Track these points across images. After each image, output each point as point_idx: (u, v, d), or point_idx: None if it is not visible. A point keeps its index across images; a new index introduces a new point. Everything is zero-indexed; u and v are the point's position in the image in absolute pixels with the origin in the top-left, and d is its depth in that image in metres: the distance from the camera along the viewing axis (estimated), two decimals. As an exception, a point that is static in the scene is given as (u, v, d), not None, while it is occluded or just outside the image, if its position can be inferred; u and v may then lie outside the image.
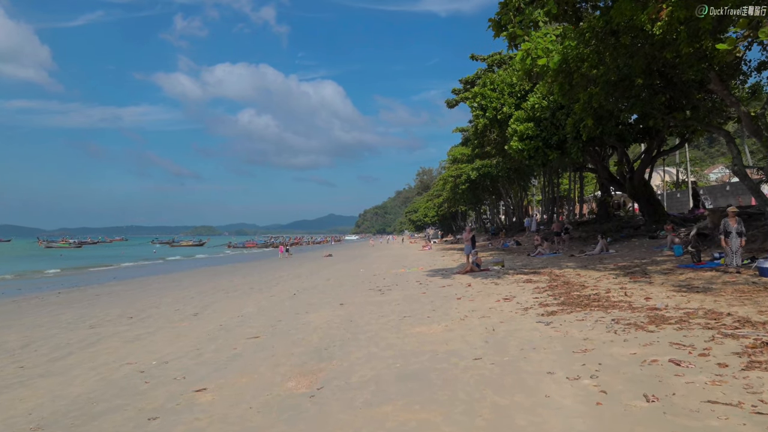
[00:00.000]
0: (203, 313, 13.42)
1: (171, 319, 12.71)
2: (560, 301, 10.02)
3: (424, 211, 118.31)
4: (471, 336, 7.79)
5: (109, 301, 18.75)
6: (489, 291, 12.91)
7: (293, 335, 9.12)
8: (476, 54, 32.96)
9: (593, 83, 18.20)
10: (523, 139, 23.93)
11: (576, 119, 21.34)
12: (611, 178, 29.30)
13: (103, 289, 24.91)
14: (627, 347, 6.22)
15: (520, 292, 12.02)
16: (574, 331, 7.36)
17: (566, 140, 23.29)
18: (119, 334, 10.79)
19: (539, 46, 11.09)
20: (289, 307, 13.12)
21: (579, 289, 11.47)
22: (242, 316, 12.28)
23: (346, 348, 7.79)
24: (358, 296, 14.43)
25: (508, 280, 15.01)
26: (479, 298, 11.87)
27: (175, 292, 20.14)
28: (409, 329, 8.80)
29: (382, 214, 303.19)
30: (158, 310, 14.66)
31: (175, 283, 25.55)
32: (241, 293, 18.22)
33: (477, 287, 14.01)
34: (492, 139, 32.16)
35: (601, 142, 25.59)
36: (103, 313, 14.72)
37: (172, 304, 16.17)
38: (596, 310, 8.76)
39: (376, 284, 17.24)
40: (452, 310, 10.35)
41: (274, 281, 22.80)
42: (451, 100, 32.54)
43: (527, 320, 8.53)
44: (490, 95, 26.57)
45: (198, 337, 9.61)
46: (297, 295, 15.85)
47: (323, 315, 11.34)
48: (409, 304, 11.84)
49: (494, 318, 9.08)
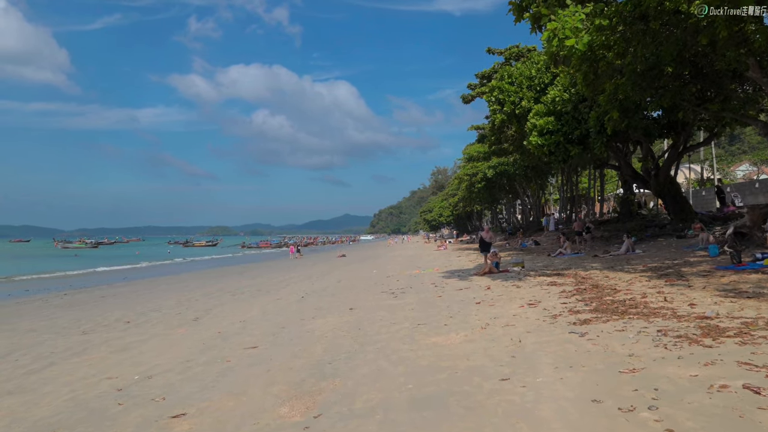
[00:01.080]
0: (204, 317, 12.59)
1: (169, 324, 11.90)
2: (592, 308, 8.98)
3: (439, 211, 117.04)
4: (495, 349, 6.81)
5: (113, 303, 18.04)
6: (510, 295, 11.89)
7: (295, 345, 8.22)
8: (493, 47, 31.86)
9: (619, 73, 17.08)
10: (543, 134, 22.81)
11: (600, 112, 20.20)
12: (635, 174, 28.00)
13: (110, 290, 24.29)
14: (684, 367, 5.21)
15: (545, 297, 10.99)
16: (616, 345, 6.35)
17: (589, 135, 22.13)
18: (110, 341, 9.97)
19: (567, 26, 10.08)
20: (294, 312, 12.23)
21: (611, 293, 10.42)
22: (244, 321, 11.42)
23: (352, 362, 6.86)
24: (369, 300, 13.50)
25: (530, 282, 13.97)
26: (500, 302, 10.87)
27: (181, 294, 19.39)
28: (424, 339, 7.84)
29: (396, 214, 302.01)
30: (159, 314, 13.87)
31: (183, 284, 24.86)
32: (247, 295, 17.41)
33: (497, 290, 13.00)
34: (509, 136, 31.05)
35: (625, 137, 24.37)
36: (102, 317, 13.98)
37: (174, 306, 15.39)
38: (636, 319, 7.72)
39: (389, 287, 16.30)
40: (471, 317, 9.37)
41: (284, 283, 21.97)
42: (467, 96, 31.48)
43: (558, 330, 7.52)
44: (507, 89, 25.48)
45: (191, 347, 8.75)
46: (305, 299, 14.98)
47: (330, 321, 10.43)
48: (423, 310, 10.88)
49: (519, 327, 8.09)
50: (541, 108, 23.00)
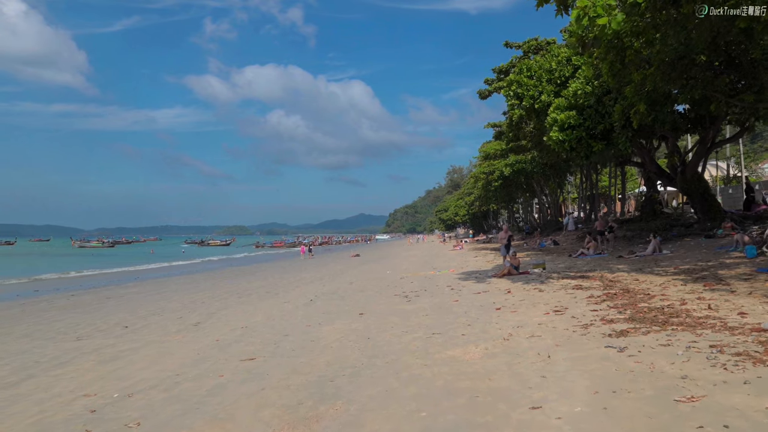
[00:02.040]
0: (205, 322, 11.87)
1: (168, 329, 11.19)
2: (627, 316, 8.06)
3: (455, 210, 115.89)
4: (521, 366, 5.95)
5: (117, 305, 17.45)
6: (533, 299, 10.99)
7: (296, 357, 7.42)
8: (511, 41, 30.82)
9: (647, 63, 16.07)
10: (564, 129, 21.77)
11: (625, 105, 19.14)
12: (660, 171, 26.81)
13: (119, 291, 23.78)
14: (754, 394, 4.31)
15: (571, 302, 10.08)
16: (663, 363, 5.45)
17: (613, 129, 21.06)
18: (101, 349, 9.28)
19: (599, 3, 9.17)
20: (301, 317, 11.45)
21: (645, 299, 9.48)
22: (246, 327, 10.67)
23: (358, 379, 6.05)
24: (380, 304, 12.68)
25: (553, 285, 13.05)
26: (523, 308, 9.98)
27: (187, 296, 18.75)
28: (440, 352, 7.00)
29: (412, 213, 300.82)
30: (159, 318, 13.19)
31: (192, 285, 24.26)
32: (255, 298, 16.69)
33: (518, 294, 12.10)
34: (528, 132, 30.00)
35: (650, 132, 23.23)
36: (102, 321, 13.34)
37: (177, 310, 14.72)
38: (681, 330, 6.80)
39: (402, 289, 15.47)
40: (492, 326, 8.50)
41: (294, 284, 21.25)
42: (484, 91, 30.50)
43: (592, 343, 6.63)
44: (526, 83, 24.47)
45: (184, 358, 8.00)
46: (313, 302, 14.20)
47: (338, 328, 9.63)
48: (439, 316, 10.03)
49: (547, 338, 7.21)
50: (562, 102, 21.98)
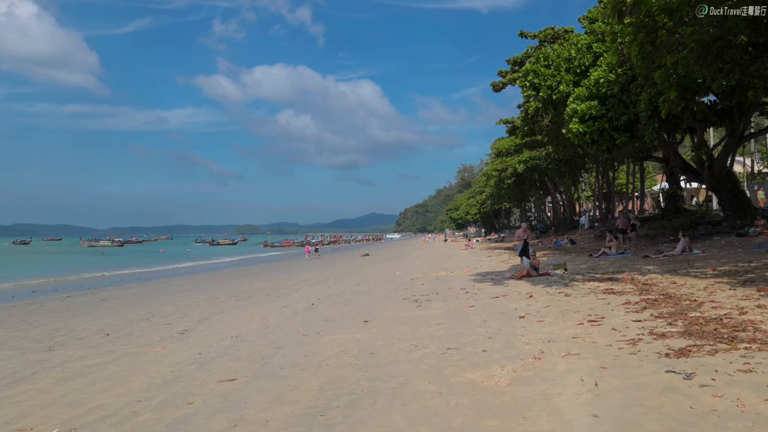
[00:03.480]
0: (194, 330, 10.70)
1: (150, 338, 10.03)
2: (681, 329, 6.75)
3: (466, 209, 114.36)
4: (562, 397, 4.68)
5: (108, 308, 16.38)
6: (560, 306, 9.70)
7: (285, 378, 6.21)
8: (526, 31, 29.44)
9: (680, 45, 14.69)
10: (584, 121, 20.40)
11: (653, 93, 17.75)
12: (685, 166, 25.33)
13: (117, 292, 22.77)
14: None
15: (606, 310, 8.77)
16: (753, 399, 4.17)
17: (638, 120, 19.66)
18: (67, 363, 8.13)
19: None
20: (299, 325, 10.25)
21: (694, 307, 8.16)
22: (237, 336, 9.48)
23: (356, 412, 4.82)
24: (388, 309, 11.45)
25: (580, 289, 11.73)
26: (551, 316, 8.69)
27: (184, 299, 17.64)
28: (457, 374, 5.75)
29: (422, 212, 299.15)
30: (147, 324, 12.05)
31: (193, 287, 23.19)
32: (254, 301, 15.53)
33: (542, 299, 10.81)
34: (544, 126, 28.62)
35: (675, 124, 21.76)
36: (84, 327, 12.23)
37: (169, 314, 13.58)
38: (758, 350, 5.50)
39: (413, 292, 14.22)
40: (517, 339, 7.23)
41: (298, 285, 20.09)
42: (498, 83, 29.14)
43: (647, 366, 5.35)
44: (543, 72, 23.10)
45: (155, 377, 6.82)
46: (315, 306, 13.00)
47: (338, 339, 8.40)
48: (453, 325, 8.77)
49: (588, 356, 5.94)
50: (583, 91, 20.59)
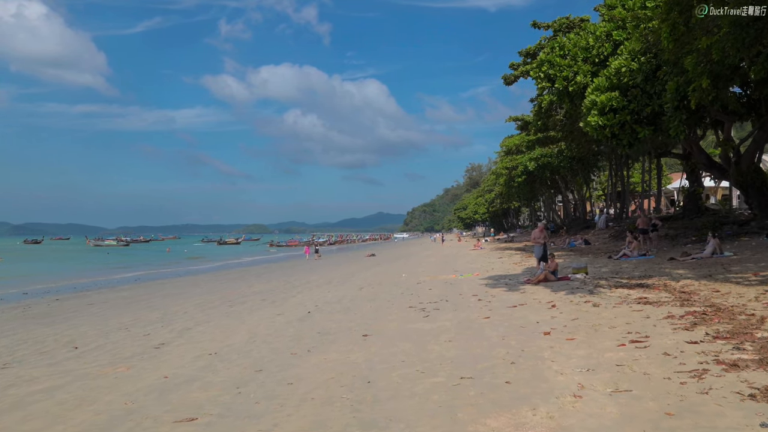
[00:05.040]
0: (171, 344, 9.45)
1: (119, 354, 8.79)
2: (755, 356, 5.40)
3: (474, 208, 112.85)
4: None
5: (90, 314, 15.21)
6: (590, 319, 8.36)
7: (255, 421, 4.91)
8: (539, 21, 28.02)
9: (716, 26, 13.32)
10: (604, 113, 19.01)
11: (680, 82, 16.34)
12: (710, 163, 23.87)
13: (108, 295, 21.62)
14: None
15: (647, 325, 7.43)
16: None
17: (663, 112, 18.24)
18: (11, 388, 6.87)
19: None
20: (289, 339, 8.98)
21: (755, 324, 6.81)
22: (216, 354, 8.22)
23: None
24: (391, 319, 10.16)
25: (608, 297, 10.38)
26: (581, 333, 7.36)
27: (174, 304, 16.43)
28: (475, 420, 4.45)
29: (430, 212, 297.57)
30: (123, 335, 10.82)
31: (189, 290, 21.98)
32: (248, 307, 14.27)
33: (566, 309, 9.48)
34: (558, 120, 27.22)
35: (700, 116, 20.29)
36: (53, 338, 11.01)
37: (151, 323, 12.36)
38: None
39: (419, 298, 12.92)
40: (546, 365, 5.92)
41: (298, 289, 18.84)
42: (509, 76, 27.74)
43: (730, 412, 4.02)
44: (559, 63, 21.72)
45: (102, 411, 5.55)
46: (312, 315, 11.73)
47: (330, 360, 7.12)
48: (467, 342, 7.47)
49: (644, 396, 4.61)
50: (603, 82, 19.20)
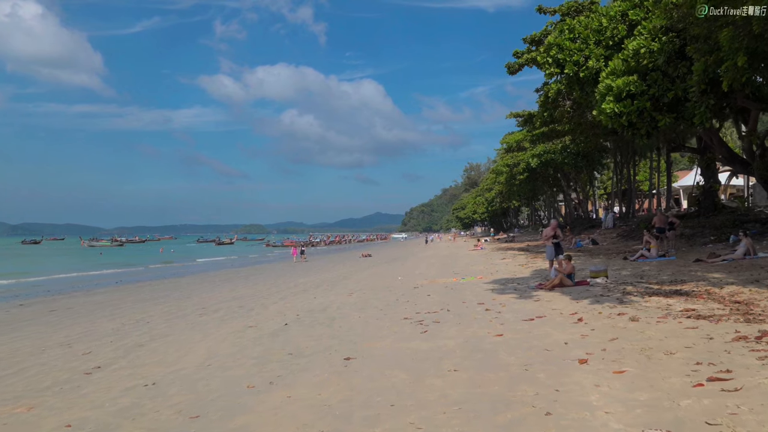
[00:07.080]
0: (108, 368, 7.62)
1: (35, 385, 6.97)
2: None
3: (473, 208, 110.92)
4: None
5: (42, 323, 13.42)
6: (634, 339, 6.53)
7: None
8: (545, 6, 26.17)
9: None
10: (621, 99, 17.15)
11: (711, 61, 14.51)
12: (731, 156, 22.06)
13: (77, 299, 19.82)
14: None
15: (718, 350, 5.61)
16: None
17: (686, 98, 16.41)
18: None
19: None
20: (252, 363, 7.15)
21: None
22: (154, 385, 6.40)
23: None
24: (382, 336, 8.33)
25: (643, 308, 8.55)
26: (631, 361, 5.53)
27: (140, 311, 14.62)
28: None
29: (428, 212, 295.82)
30: (58, 353, 9.01)
31: (165, 294, 20.14)
32: (219, 316, 12.42)
33: (597, 324, 7.65)
34: (566, 111, 25.35)
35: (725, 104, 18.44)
36: (-20, 356, 9.22)
37: (102, 336, 10.53)
38: None
39: (416, 307, 11.08)
40: (600, 421, 4.07)
41: (282, 293, 17.03)
42: (513, 64, 25.85)
43: None
44: (569, 46, 19.89)
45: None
46: (289, 327, 9.90)
47: (295, 399, 5.30)
48: (478, 376, 5.64)
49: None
50: (619, 64, 17.34)
